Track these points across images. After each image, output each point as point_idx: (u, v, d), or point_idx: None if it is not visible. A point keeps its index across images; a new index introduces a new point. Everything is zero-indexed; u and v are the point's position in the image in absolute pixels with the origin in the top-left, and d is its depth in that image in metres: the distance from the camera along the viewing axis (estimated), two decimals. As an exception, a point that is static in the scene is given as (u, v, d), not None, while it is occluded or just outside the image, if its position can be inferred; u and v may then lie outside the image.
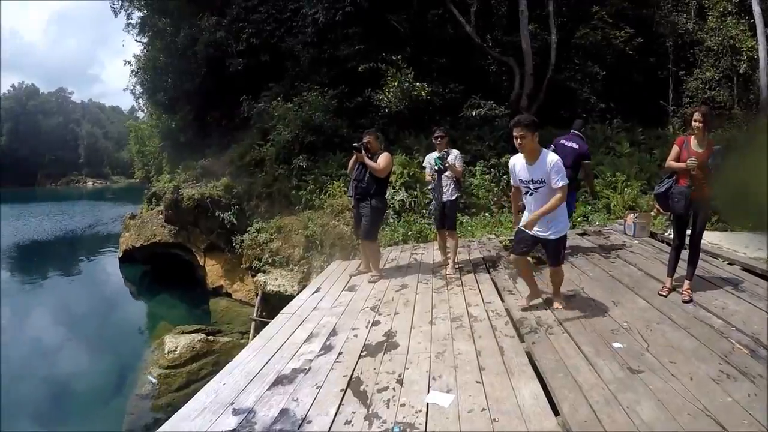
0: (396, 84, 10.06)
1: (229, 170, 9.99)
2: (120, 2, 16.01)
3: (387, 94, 10.22)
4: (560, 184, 3.42)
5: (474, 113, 10.41)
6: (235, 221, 8.96)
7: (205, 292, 10.07)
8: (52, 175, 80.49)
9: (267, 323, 7.90)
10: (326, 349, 3.51)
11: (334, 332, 3.86)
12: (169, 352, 6.69)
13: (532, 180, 3.53)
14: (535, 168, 3.50)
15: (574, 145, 5.27)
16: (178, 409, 2.81)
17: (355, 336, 3.73)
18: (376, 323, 3.95)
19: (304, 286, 8.05)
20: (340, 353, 3.39)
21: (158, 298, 11.02)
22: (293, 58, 12.05)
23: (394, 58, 10.20)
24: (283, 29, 12.34)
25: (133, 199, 35.61)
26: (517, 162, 3.65)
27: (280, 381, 3.05)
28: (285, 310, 4.74)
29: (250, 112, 11.28)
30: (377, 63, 10.36)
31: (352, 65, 10.91)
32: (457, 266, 5.46)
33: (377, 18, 11.19)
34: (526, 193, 3.65)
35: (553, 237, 3.63)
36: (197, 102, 13.91)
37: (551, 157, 3.46)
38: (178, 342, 6.86)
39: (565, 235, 3.77)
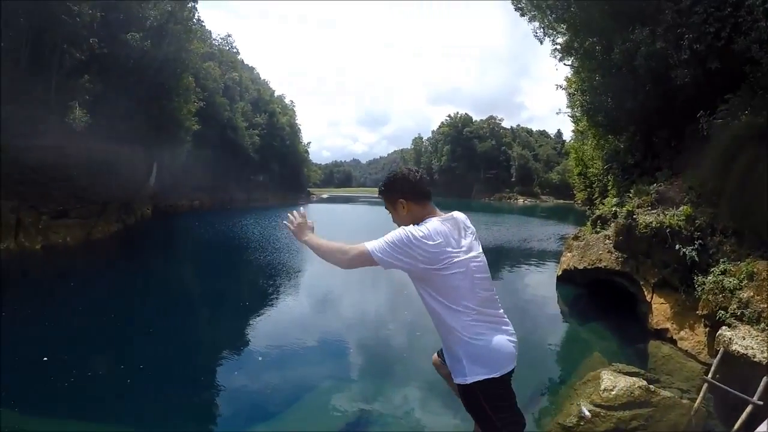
0: None
1: (688, 197, 8.88)
2: (542, 30, 16.13)
3: None
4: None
5: None
6: (696, 258, 7.90)
7: (643, 330, 9.26)
8: (487, 190, 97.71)
9: (723, 390, 6.58)
10: None
11: None
12: (605, 390, 6.13)
13: None
14: None
15: None
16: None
17: None
18: None
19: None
20: None
21: (589, 325, 10.89)
22: (751, 62, 9.62)
23: None
24: (728, 28, 10.03)
25: (562, 219, 38.05)
26: None
27: None
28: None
29: (708, 130, 9.72)
30: None
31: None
32: None
33: None
34: None
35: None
36: (640, 121, 13.07)
37: None
38: (617, 382, 6.26)
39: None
